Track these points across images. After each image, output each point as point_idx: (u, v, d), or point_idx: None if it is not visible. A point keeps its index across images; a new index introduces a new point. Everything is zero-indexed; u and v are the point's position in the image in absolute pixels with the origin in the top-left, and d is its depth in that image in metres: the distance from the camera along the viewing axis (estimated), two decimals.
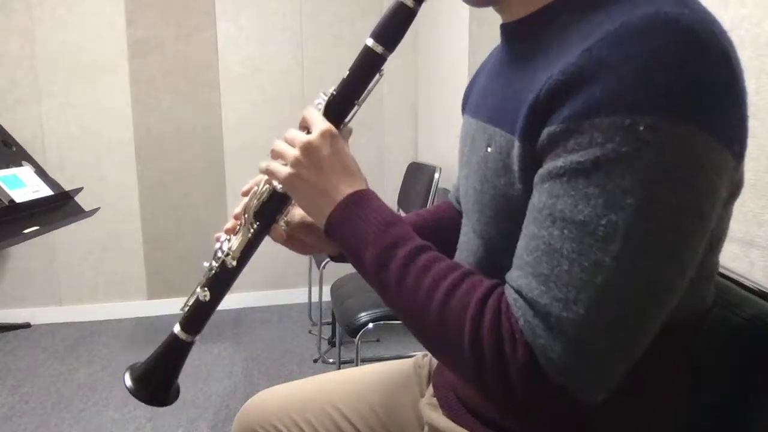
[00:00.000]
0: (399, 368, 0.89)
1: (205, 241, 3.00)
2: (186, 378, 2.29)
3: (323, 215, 0.62)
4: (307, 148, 0.62)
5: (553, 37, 0.54)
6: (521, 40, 0.61)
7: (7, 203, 1.72)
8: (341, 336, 2.27)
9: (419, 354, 0.90)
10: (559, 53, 0.51)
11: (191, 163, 2.98)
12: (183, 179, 2.98)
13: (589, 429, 0.55)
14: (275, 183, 0.69)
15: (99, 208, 2.13)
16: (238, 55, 2.96)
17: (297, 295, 3.12)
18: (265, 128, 2.99)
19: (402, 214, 0.89)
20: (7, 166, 1.90)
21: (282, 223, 0.73)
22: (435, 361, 0.85)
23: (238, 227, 0.73)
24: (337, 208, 0.61)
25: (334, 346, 2.52)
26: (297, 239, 0.79)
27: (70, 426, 1.96)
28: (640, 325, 0.47)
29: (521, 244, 0.51)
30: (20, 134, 2.69)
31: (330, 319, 2.60)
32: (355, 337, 1.73)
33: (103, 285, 2.97)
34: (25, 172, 1.94)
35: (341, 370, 0.92)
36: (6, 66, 2.73)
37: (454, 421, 0.69)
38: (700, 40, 0.44)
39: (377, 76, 0.66)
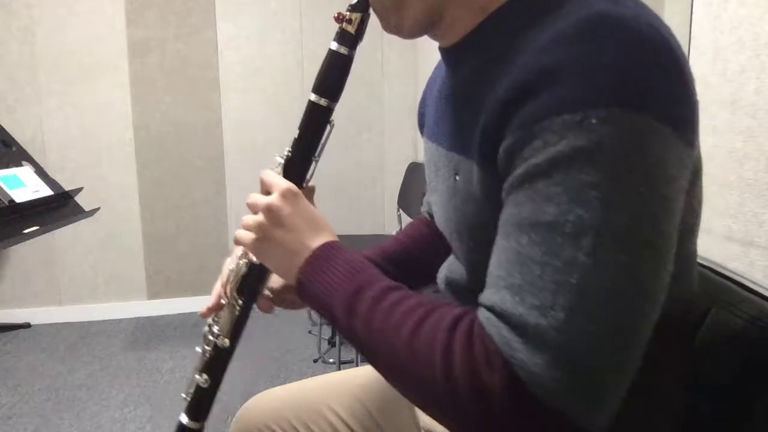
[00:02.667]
0: None
1: (205, 241, 3.00)
2: (186, 378, 2.29)
3: (294, 275, 0.60)
4: (269, 211, 0.61)
5: (491, 57, 0.54)
6: (462, 63, 0.61)
7: (7, 203, 1.72)
8: (341, 336, 2.27)
9: None
10: (499, 72, 0.50)
11: (191, 163, 2.98)
12: (183, 179, 2.98)
13: None
14: (251, 257, 0.68)
15: (99, 208, 2.13)
16: (238, 55, 2.96)
17: None
18: (265, 128, 2.99)
19: (402, 214, 0.89)
20: (7, 166, 1.90)
21: (267, 292, 0.74)
22: None
23: (223, 305, 0.72)
24: (305, 265, 0.59)
25: (334, 346, 2.52)
26: (286, 300, 0.79)
27: (70, 426, 1.96)
28: (631, 324, 0.43)
29: (492, 262, 0.48)
30: (20, 134, 2.69)
31: None
32: None
33: (103, 285, 2.97)
34: (25, 172, 1.94)
35: (339, 372, 0.92)
36: (6, 66, 2.73)
37: None
38: (640, 33, 0.44)
39: (328, 127, 0.66)
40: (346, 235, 2.83)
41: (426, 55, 2.99)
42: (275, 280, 0.78)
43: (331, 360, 2.44)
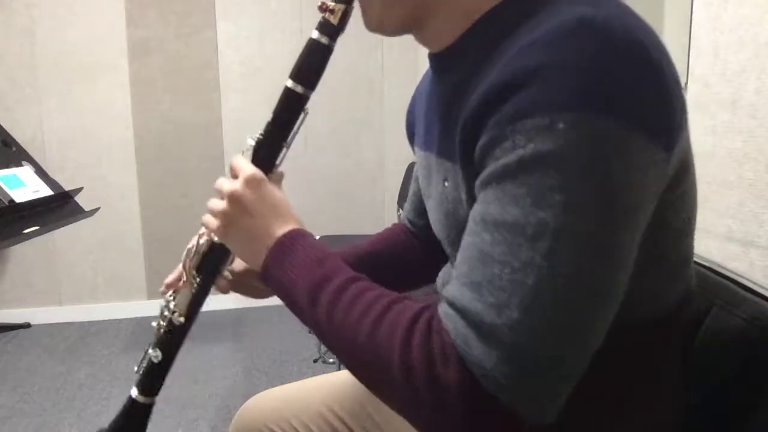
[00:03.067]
0: None
1: None
2: (186, 378, 2.29)
3: (259, 262, 0.60)
4: (233, 198, 0.61)
5: (477, 63, 0.54)
6: (448, 70, 0.61)
7: (7, 203, 1.72)
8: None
9: None
10: (481, 77, 0.51)
11: (191, 163, 2.98)
12: (183, 179, 2.98)
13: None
14: (213, 236, 0.68)
15: (99, 208, 2.13)
16: (238, 55, 2.96)
17: None
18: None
19: (401, 213, 0.89)
20: (7, 166, 1.90)
21: (226, 273, 0.73)
22: None
23: (181, 282, 0.72)
24: (270, 253, 0.59)
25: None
26: (248, 285, 0.78)
27: (70, 426, 1.96)
28: (581, 327, 0.44)
29: (458, 257, 0.49)
30: (20, 134, 2.69)
31: None
32: None
33: (103, 285, 2.97)
34: (25, 172, 1.94)
35: (338, 372, 0.92)
36: (6, 66, 2.73)
37: None
38: (615, 37, 0.45)
39: (302, 115, 0.65)
40: (346, 235, 2.83)
41: (426, 55, 2.99)
42: (238, 264, 0.77)
43: (331, 360, 2.44)
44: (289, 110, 0.65)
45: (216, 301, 2.99)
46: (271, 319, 2.92)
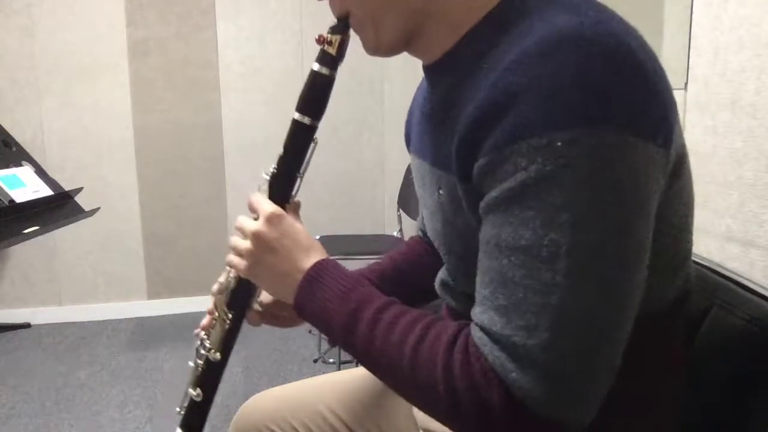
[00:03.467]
0: None
1: (205, 241, 3.00)
2: (186, 378, 2.29)
3: (290, 297, 0.62)
4: (256, 237, 0.63)
5: (465, 75, 0.55)
6: (440, 81, 0.62)
7: (7, 203, 1.72)
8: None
9: None
10: (471, 90, 0.52)
11: (191, 162, 2.98)
12: (183, 179, 2.98)
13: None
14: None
15: (99, 208, 2.13)
16: (238, 55, 2.96)
17: None
18: (265, 128, 2.99)
19: (402, 214, 0.90)
20: (7, 166, 1.90)
21: (256, 306, 0.75)
22: None
23: (213, 321, 0.73)
24: (300, 288, 0.61)
25: (334, 346, 2.52)
26: (275, 316, 0.80)
27: (70, 426, 1.96)
28: (609, 335, 0.46)
29: (478, 279, 0.51)
30: (20, 134, 2.69)
31: None
32: None
33: (103, 285, 2.97)
34: (25, 172, 1.94)
35: (338, 372, 0.92)
36: (6, 66, 2.73)
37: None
38: (601, 46, 0.45)
39: (312, 145, 0.67)
40: (346, 234, 2.83)
41: None
42: (265, 295, 0.78)
43: (331, 360, 2.44)
44: (299, 142, 0.67)
45: None
46: None
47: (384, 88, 3.14)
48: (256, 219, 0.64)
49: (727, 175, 0.95)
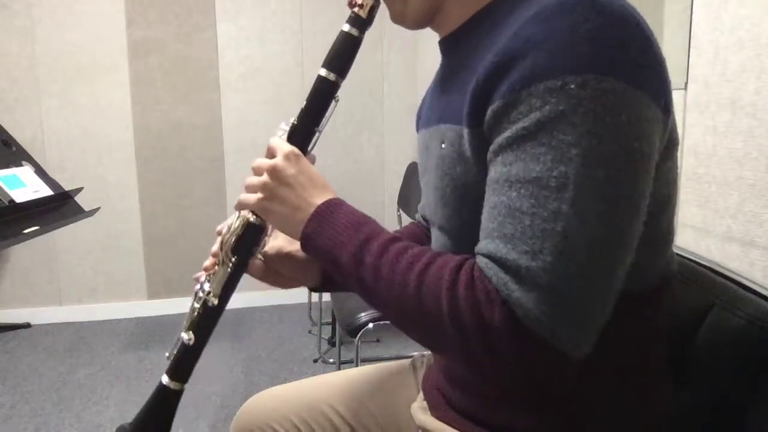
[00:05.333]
0: (397, 369, 0.89)
1: (205, 241, 2.99)
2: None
3: (299, 230, 0.63)
4: (273, 171, 0.65)
5: (485, 37, 0.59)
6: (458, 49, 0.66)
7: (7, 203, 1.72)
8: (341, 336, 2.27)
9: (416, 354, 0.90)
10: (489, 46, 0.55)
11: (191, 162, 2.98)
12: (183, 179, 2.98)
13: (574, 398, 0.59)
14: (248, 216, 0.70)
15: (99, 208, 2.13)
16: (238, 55, 2.96)
17: (297, 295, 3.12)
18: (265, 128, 2.99)
19: (402, 214, 0.91)
20: (7, 166, 1.90)
21: (259, 256, 0.75)
22: (429, 362, 0.85)
23: (216, 265, 0.73)
24: (310, 219, 0.63)
25: (334, 346, 2.52)
26: (275, 273, 0.80)
27: (70, 426, 1.96)
28: (608, 266, 0.49)
29: (484, 216, 0.53)
30: (20, 134, 2.69)
31: (330, 319, 2.59)
32: (355, 337, 1.73)
33: (103, 285, 2.97)
34: (25, 172, 1.94)
35: (339, 371, 0.92)
36: (6, 66, 2.73)
37: (443, 421, 0.70)
38: (611, 11, 0.49)
39: (333, 102, 0.70)
40: None
41: (425, 55, 2.99)
42: (269, 247, 0.79)
43: (331, 360, 2.44)
44: (321, 97, 0.70)
45: None
46: (271, 319, 2.92)
47: (384, 88, 3.14)
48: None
49: (727, 175, 0.95)
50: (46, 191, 1.92)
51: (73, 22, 2.77)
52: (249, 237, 0.72)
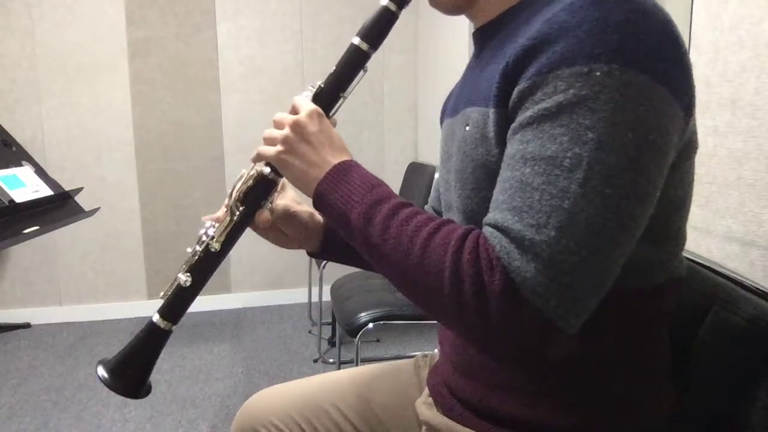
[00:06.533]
0: (399, 368, 0.89)
1: None
2: (186, 378, 2.29)
3: (313, 186, 0.65)
4: (296, 125, 0.67)
5: (520, 27, 0.61)
6: (492, 38, 0.68)
7: (7, 203, 1.72)
8: (341, 336, 2.27)
9: (419, 354, 0.90)
10: (524, 33, 0.57)
11: (191, 162, 2.98)
12: (183, 179, 2.98)
13: (576, 391, 0.60)
14: (262, 169, 0.71)
15: (99, 208, 2.13)
16: (238, 55, 2.96)
17: (297, 295, 3.12)
18: (265, 128, 2.97)
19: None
20: (7, 166, 1.90)
21: (266, 210, 0.75)
22: (434, 361, 0.85)
23: (226, 215, 0.74)
24: (326, 177, 0.64)
25: (334, 346, 2.52)
26: (279, 232, 0.82)
27: (70, 426, 1.96)
28: (607, 249, 0.50)
29: (496, 190, 0.55)
30: (20, 134, 2.69)
31: (330, 319, 2.60)
32: (355, 337, 1.73)
33: (103, 285, 2.97)
34: (25, 172, 1.94)
35: (341, 370, 0.92)
36: (6, 66, 2.73)
37: (448, 417, 0.70)
38: (644, 8, 0.51)
39: (362, 72, 0.71)
40: None
41: (425, 55, 2.99)
42: (276, 206, 0.80)
43: (331, 360, 2.44)
44: (352, 64, 0.71)
45: (216, 301, 3.03)
46: (271, 319, 2.92)
47: (384, 88, 3.14)
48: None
49: (727, 175, 0.95)
50: (46, 191, 1.92)
51: (73, 22, 2.77)
52: (260, 189, 0.73)
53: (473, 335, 0.53)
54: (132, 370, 0.75)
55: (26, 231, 1.72)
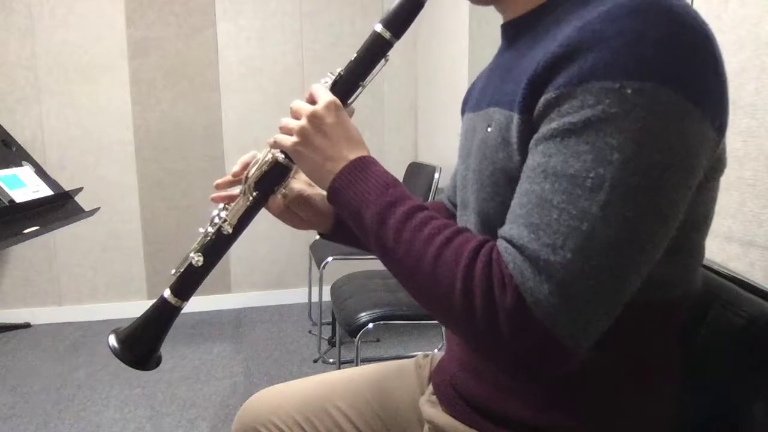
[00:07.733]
0: (400, 368, 0.89)
1: None
2: (186, 378, 2.29)
3: (327, 180, 0.64)
4: (313, 117, 0.65)
5: (551, 27, 0.58)
6: (521, 35, 0.65)
7: (7, 203, 1.72)
8: (341, 336, 2.27)
9: (420, 354, 0.90)
10: (555, 36, 0.54)
11: (191, 162, 2.98)
12: (183, 179, 2.98)
13: (584, 397, 0.59)
14: (277, 154, 0.71)
15: (99, 208, 2.13)
16: (238, 55, 2.96)
17: (297, 295, 3.12)
18: (265, 128, 2.99)
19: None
20: (7, 166, 1.90)
21: (279, 195, 0.76)
22: (435, 361, 0.85)
23: (238, 196, 0.75)
24: (341, 173, 0.63)
25: (334, 346, 2.52)
26: (292, 213, 0.82)
27: (70, 426, 1.96)
28: (623, 273, 0.49)
29: (514, 202, 0.53)
30: (20, 134, 2.69)
31: (330, 319, 2.60)
32: (355, 337, 1.73)
33: (103, 285, 2.97)
34: (25, 172, 1.94)
35: (342, 370, 0.92)
36: (6, 66, 2.73)
37: (453, 416, 0.69)
38: (684, 22, 0.49)
39: (383, 60, 0.69)
40: None
41: (425, 56, 2.99)
42: (291, 189, 0.80)
43: (331, 360, 2.44)
44: (373, 52, 0.69)
45: (216, 301, 3.03)
46: (271, 319, 2.92)
47: (384, 88, 3.14)
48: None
49: (727, 175, 0.95)
50: (46, 191, 1.92)
51: (73, 22, 2.77)
52: (274, 175, 0.73)
53: (480, 347, 0.52)
54: (142, 343, 0.76)
55: (26, 231, 1.72)
